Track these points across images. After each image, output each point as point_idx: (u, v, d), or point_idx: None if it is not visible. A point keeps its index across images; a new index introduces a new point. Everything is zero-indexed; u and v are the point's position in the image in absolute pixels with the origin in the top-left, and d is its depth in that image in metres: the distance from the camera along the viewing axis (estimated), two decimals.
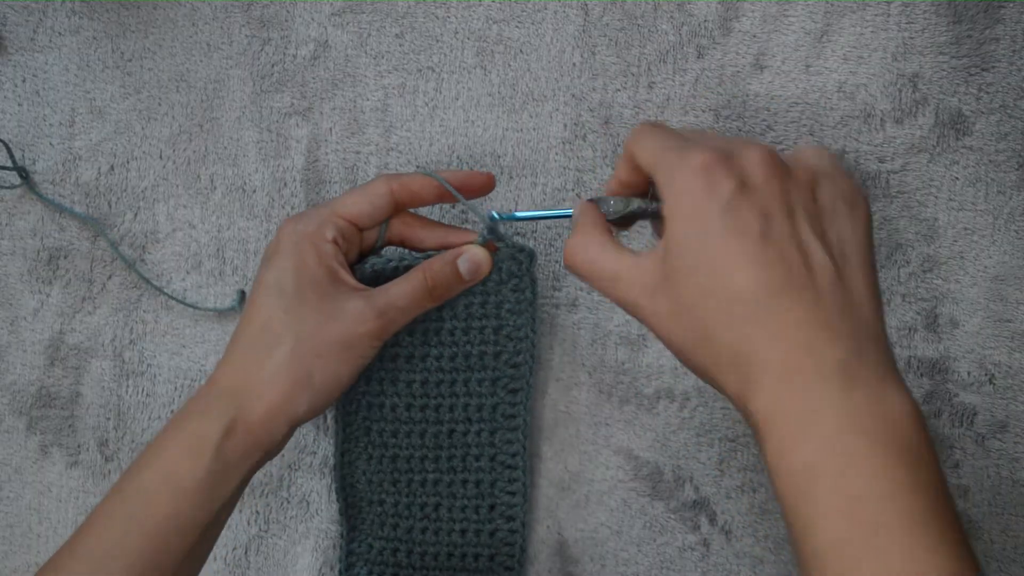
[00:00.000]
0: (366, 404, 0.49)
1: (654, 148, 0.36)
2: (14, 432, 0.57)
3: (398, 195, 0.45)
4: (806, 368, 0.31)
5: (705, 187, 0.33)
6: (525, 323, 0.48)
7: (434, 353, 0.48)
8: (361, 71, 0.55)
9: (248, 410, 0.39)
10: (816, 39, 0.52)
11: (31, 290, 0.57)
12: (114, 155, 0.56)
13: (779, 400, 0.31)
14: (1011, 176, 0.51)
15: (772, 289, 0.32)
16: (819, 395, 0.31)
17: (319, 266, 0.42)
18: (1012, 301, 0.51)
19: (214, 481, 0.38)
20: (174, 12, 0.56)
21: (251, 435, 0.39)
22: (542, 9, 0.53)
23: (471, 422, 0.49)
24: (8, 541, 0.57)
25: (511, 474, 0.50)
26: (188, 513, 0.38)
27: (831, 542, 0.30)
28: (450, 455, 0.49)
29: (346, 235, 0.44)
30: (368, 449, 0.49)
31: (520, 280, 0.48)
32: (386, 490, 0.50)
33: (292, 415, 0.40)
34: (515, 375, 0.49)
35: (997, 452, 0.52)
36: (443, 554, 0.50)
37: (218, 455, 0.38)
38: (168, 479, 0.38)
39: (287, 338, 0.41)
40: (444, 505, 0.50)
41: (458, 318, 0.48)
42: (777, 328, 0.32)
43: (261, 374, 0.40)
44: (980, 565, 0.30)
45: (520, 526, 0.50)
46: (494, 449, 0.49)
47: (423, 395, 0.49)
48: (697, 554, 0.53)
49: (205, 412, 0.40)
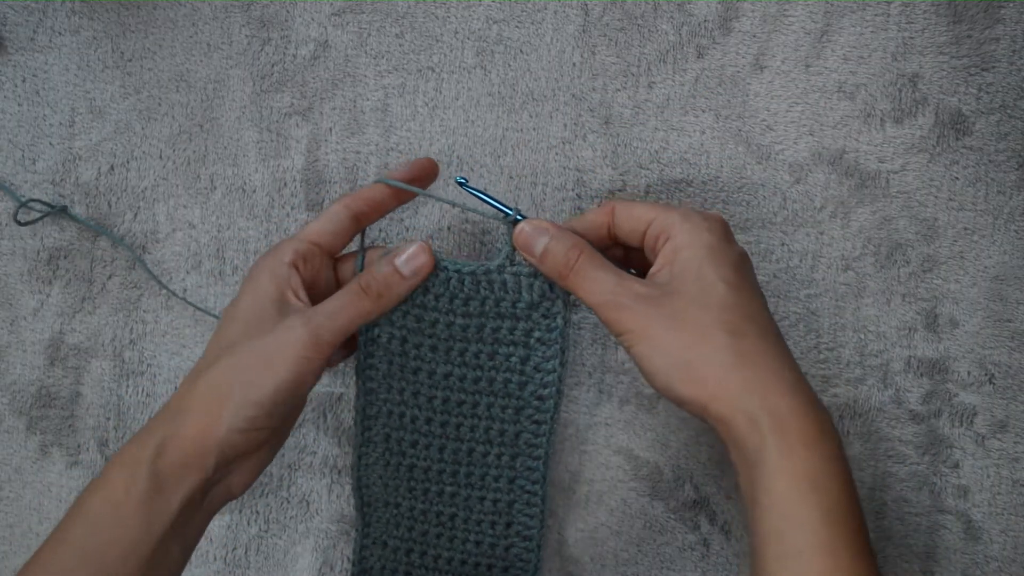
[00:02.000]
0: (386, 411, 0.48)
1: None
2: (14, 432, 0.57)
3: (355, 208, 0.45)
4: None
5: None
6: (554, 355, 0.45)
7: (457, 373, 0.46)
8: (361, 71, 0.55)
9: (176, 430, 0.39)
10: (816, 39, 0.52)
11: (31, 290, 0.57)
12: (114, 155, 0.56)
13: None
14: (1011, 176, 0.51)
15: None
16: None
17: (269, 287, 0.42)
18: (1012, 301, 0.51)
19: (150, 501, 0.38)
20: (174, 12, 0.56)
21: (181, 453, 0.39)
22: (542, 9, 0.53)
23: (491, 444, 0.48)
24: (8, 541, 0.57)
25: (530, 499, 0.48)
26: (129, 536, 0.38)
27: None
28: (468, 472, 0.48)
29: (307, 257, 0.43)
30: (386, 456, 0.49)
31: (552, 305, 0.45)
32: (402, 495, 0.49)
33: (217, 435, 0.39)
34: (540, 407, 0.47)
35: (997, 452, 0.52)
36: (456, 560, 0.50)
37: (151, 474, 0.38)
38: (107, 501, 0.38)
39: (220, 359, 0.41)
40: (460, 516, 0.49)
41: (484, 341, 0.46)
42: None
43: (190, 395, 0.40)
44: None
45: (536, 546, 0.49)
46: (514, 472, 0.48)
47: (444, 412, 0.47)
48: (697, 554, 0.53)
49: (142, 436, 0.40)
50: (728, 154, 0.52)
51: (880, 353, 0.52)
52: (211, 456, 0.39)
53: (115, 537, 0.38)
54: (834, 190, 0.52)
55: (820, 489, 0.36)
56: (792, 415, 0.37)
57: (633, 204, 0.43)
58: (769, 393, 0.37)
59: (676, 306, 0.39)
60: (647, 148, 0.53)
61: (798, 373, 0.39)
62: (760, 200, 0.52)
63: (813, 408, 0.38)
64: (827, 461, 0.36)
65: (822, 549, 0.35)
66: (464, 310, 0.45)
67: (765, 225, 0.52)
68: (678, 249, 0.40)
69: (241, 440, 0.40)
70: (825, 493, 0.36)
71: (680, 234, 0.41)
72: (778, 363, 0.38)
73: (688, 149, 0.53)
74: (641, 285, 0.40)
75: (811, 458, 0.36)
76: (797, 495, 0.36)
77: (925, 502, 0.52)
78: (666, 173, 0.53)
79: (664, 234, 0.41)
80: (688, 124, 0.53)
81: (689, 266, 0.40)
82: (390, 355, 0.46)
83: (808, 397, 0.38)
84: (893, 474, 0.52)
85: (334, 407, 0.56)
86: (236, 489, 0.42)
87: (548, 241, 0.42)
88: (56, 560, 0.38)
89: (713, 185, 0.53)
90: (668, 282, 0.40)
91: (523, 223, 0.43)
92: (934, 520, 0.52)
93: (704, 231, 0.41)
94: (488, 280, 0.45)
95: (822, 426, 0.37)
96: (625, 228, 0.43)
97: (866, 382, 0.52)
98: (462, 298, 0.45)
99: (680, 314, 0.39)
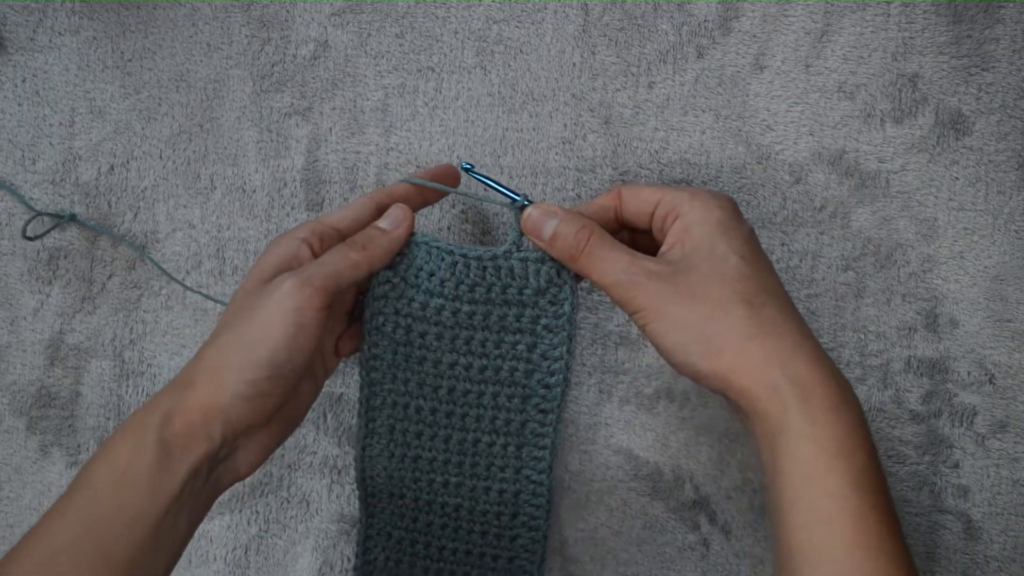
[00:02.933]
0: (391, 402, 0.47)
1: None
2: (14, 432, 0.57)
3: (379, 201, 0.45)
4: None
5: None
6: (561, 342, 0.45)
7: (462, 362, 0.46)
8: (361, 71, 0.55)
9: (184, 400, 0.39)
10: (816, 39, 0.52)
11: (31, 290, 0.57)
12: (114, 155, 0.56)
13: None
14: (1011, 176, 0.51)
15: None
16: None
17: (274, 260, 0.42)
18: (1012, 301, 0.51)
19: (156, 469, 0.38)
20: (174, 12, 0.56)
21: (187, 423, 0.39)
22: (542, 9, 0.53)
23: (498, 434, 0.47)
24: (8, 541, 0.57)
25: (536, 488, 0.48)
26: (134, 505, 0.37)
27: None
28: (474, 462, 0.48)
29: (323, 237, 0.44)
30: (390, 447, 0.48)
31: (559, 291, 0.44)
32: (407, 486, 0.49)
33: (222, 403, 0.39)
34: (547, 395, 0.46)
35: (997, 452, 0.52)
36: (461, 551, 0.50)
37: (158, 442, 0.38)
38: (112, 471, 0.38)
39: (224, 329, 0.41)
40: (465, 507, 0.49)
41: (490, 329, 0.45)
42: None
43: (197, 367, 0.40)
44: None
45: (542, 537, 0.49)
46: (520, 463, 0.48)
47: (449, 401, 0.47)
48: (697, 554, 0.53)
49: (148, 407, 0.40)
50: (728, 154, 0.52)
51: (880, 353, 0.52)
52: (216, 424, 0.39)
53: (120, 505, 0.37)
54: (834, 190, 0.52)
55: (847, 456, 0.36)
56: (815, 383, 0.37)
57: (640, 187, 0.43)
58: (790, 362, 0.37)
59: (691, 281, 0.39)
60: (647, 148, 0.53)
61: (816, 343, 0.39)
62: (760, 200, 0.52)
63: (835, 376, 0.37)
64: (851, 428, 0.36)
65: (852, 515, 0.35)
66: (470, 296, 0.45)
67: (765, 225, 0.52)
68: (688, 227, 0.40)
69: (246, 408, 0.40)
70: (852, 460, 0.36)
71: (690, 211, 0.41)
72: (797, 333, 0.38)
73: (688, 149, 0.53)
74: (654, 263, 0.40)
75: (836, 425, 0.36)
76: (824, 462, 0.35)
77: (925, 502, 0.52)
78: (666, 173, 0.53)
79: (673, 213, 0.41)
80: (688, 124, 0.53)
81: (702, 242, 0.40)
82: (395, 344, 0.46)
83: (829, 366, 0.38)
84: (893, 474, 0.52)
85: (334, 407, 0.56)
86: (243, 469, 0.42)
87: (557, 224, 0.42)
88: (60, 530, 0.37)
89: (713, 185, 0.53)
90: (681, 259, 0.40)
91: (531, 207, 0.43)
92: (934, 520, 0.52)
93: (715, 208, 0.41)
94: (495, 265, 0.44)
95: (844, 395, 0.37)
96: (632, 210, 0.43)
97: (866, 382, 0.52)
98: (468, 284, 0.45)
99: (696, 289, 0.39)
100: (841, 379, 0.38)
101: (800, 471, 0.36)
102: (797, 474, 0.36)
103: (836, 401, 0.37)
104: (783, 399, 0.37)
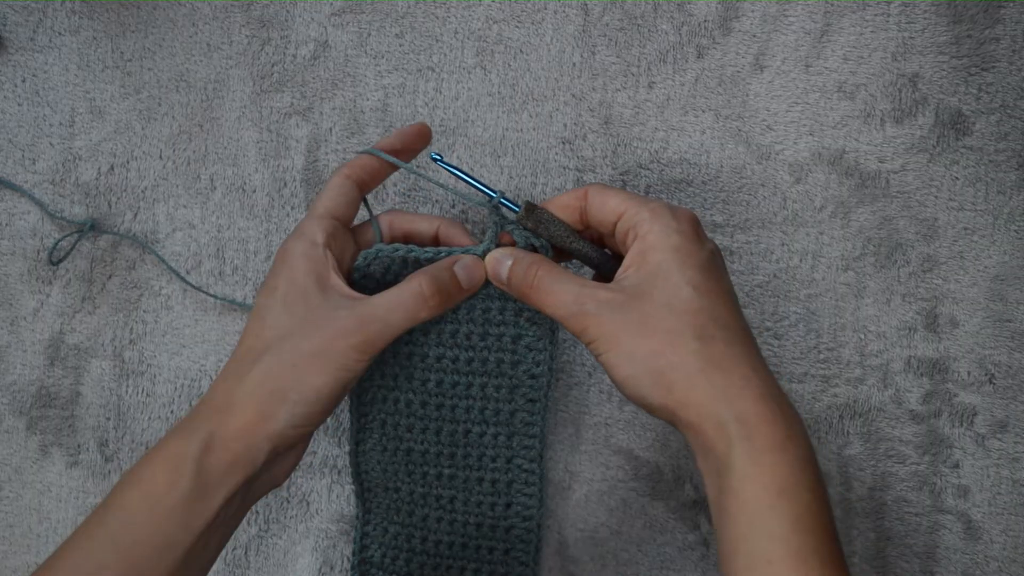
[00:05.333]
0: (381, 397, 0.48)
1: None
2: (14, 432, 0.57)
3: (355, 178, 0.45)
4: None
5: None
6: (544, 334, 0.46)
7: (449, 355, 0.47)
8: (361, 71, 0.55)
9: (226, 425, 0.39)
10: (816, 39, 0.52)
11: (31, 290, 0.57)
12: (114, 155, 0.56)
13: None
14: (1011, 176, 0.51)
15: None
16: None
17: (309, 275, 0.42)
18: (1012, 301, 0.51)
19: (193, 499, 0.38)
20: (174, 12, 0.56)
21: (229, 451, 0.39)
22: (542, 9, 0.53)
23: (487, 424, 0.48)
24: (8, 541, 0.57)
25: (528, 477, 0.49)
26: (168, 532, 0.37)
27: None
28: (466, 453, 0.49)
29: (335, 235, 0.43)
30: (383, 441, 0.49)
31: None
32: (401, 479, 0.50)
33: (270, 431, 0.39)
34: (534, 385, 0.47)
35: (997, 452, 0.52)
36: (457, 544, 0.50)
37: (197, 472, 0.38)
38: (147, 497, 0.38)
39: (267, 353, 0.40)
40: (459, 499, 0.49)
41: (475, 322, 0.46)
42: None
43: (240, 390, 0.40)
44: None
45: (536, 526, 0.50)
46: (511, 452, 0.49)
47: (438, 394, 0.48)
48: (697, 554, 0.53)
49: (186, 430, 0.39)
50: (728, 154, 0.52)
51: (880, 353, 0.52)
52: (262, 452, 0.39)
53: (154, 532, 0.37)
54: (834, 190, 0.52)
55: (789, 496, 0.35)
56: (760, 421, 0.36)
57: (606, 192, 0.43)
58: (737, 399, 0.37)
59: (644, 310, 0.39)
60: (647, 148, 0.53)
61: (768, 377, 0.38)
62: (760, 200, 0.52)
63: (782, 413, 0.37)
64: (796, 467, 0.36)
65: (793, 558, 0.35)
66: None
67: (765, 225, 0.52)
68: (645, 251, 0.40)
69: (294, 434, 0.40)
70: (794, 500, 0.35)
71: (648, 234, 0.40)
72: (747, 368, 0.38)
73: (688, 149, 0.53)
74: (606, 291, 0.40)
75: (779, 464, 0.36)
76: (766, 502, 0.35)
77: (925, 502, 0.52)
78: (666, 173, 0.53)
79: (634, 231, 0.41)
80: (688, 124, 0.53)
81: (658, 268, 0.39)
82: None
83: (778, 402, 0.37)
84: (893, 474, 0.52)
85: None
86: (279, 478, 0.42)
87: (511, 263, 0.43)
88: (88, 552, 0.37)
89: (713, 185, 0.53)
90: (636, 284, 0.40)
91: (492, 252, 0.44)
92: (934, 520, 0.52)
93: (673, 232, 0.40)
94: None
95: (790, 431, 0.37)
96: (597, 217, 0.43)
97: (866, 382, 0.52)
98: None
99: (648, 319, 0.38)
100: (790, 414, 0.37)
101: (743, 511, 0.36)
102: (741, 514, 0.36)
103: (782, 438, 0.36)
104: (728, 436, 0.36)
